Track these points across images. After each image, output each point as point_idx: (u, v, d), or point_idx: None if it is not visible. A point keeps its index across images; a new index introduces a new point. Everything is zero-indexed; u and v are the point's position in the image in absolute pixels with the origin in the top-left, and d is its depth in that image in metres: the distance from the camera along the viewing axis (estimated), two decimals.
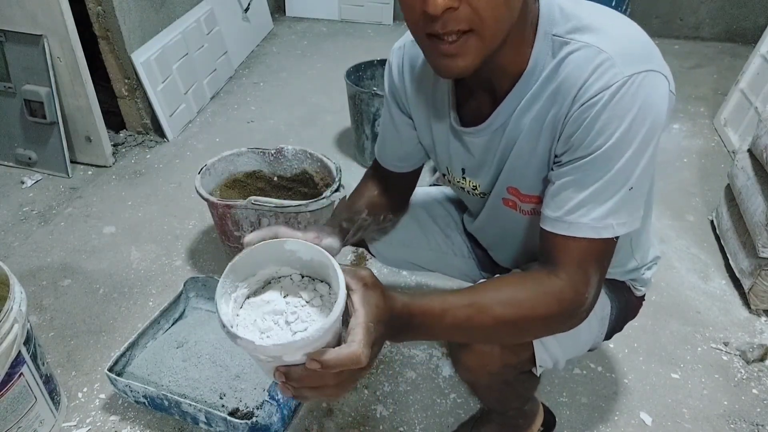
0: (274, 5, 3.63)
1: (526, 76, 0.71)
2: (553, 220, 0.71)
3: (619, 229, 0.69)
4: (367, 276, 0.60)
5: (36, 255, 1.71)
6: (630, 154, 0.65)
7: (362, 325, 0.56)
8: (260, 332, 0.62)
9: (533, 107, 0.72)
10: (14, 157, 2.09)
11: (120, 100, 2.25)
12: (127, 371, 1.25)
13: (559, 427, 1.24)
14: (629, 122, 0.64)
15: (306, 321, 0.62)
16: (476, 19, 0.60)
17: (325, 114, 2.53)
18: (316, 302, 0.64)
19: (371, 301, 0.59)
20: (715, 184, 2.04)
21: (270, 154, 1.67)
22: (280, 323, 0.63)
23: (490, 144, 0.80)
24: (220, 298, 0.62)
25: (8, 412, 1.04)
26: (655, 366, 1.39)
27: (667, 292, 1.61)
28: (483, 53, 0.64)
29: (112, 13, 2.00)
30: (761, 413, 1.28)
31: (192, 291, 1.46)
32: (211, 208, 1.52)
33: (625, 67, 0.63)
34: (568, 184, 0.69)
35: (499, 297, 0.69)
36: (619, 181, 0.67)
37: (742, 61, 2.39)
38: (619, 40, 0.66)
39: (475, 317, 0.67)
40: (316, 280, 0.67)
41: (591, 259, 0.70)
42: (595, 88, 0.64)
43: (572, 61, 0.67)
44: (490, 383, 0.94)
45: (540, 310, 0.69)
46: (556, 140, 0.71)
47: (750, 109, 2.16)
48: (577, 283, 0.69)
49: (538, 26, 0.69)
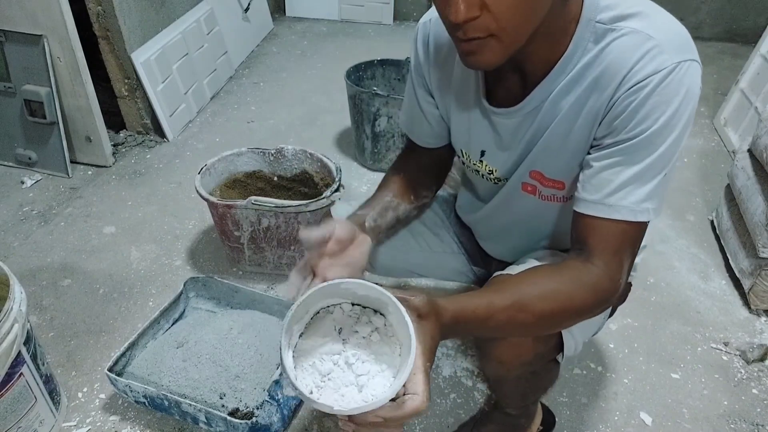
0: (274, 5, 3.63)
1: (564, 62, 0.71)
2: (592, 202, 0.71)
3: (654, 213, 0.71)
4: (420, 305, 0.62)
5: (36, 255, 1.71)
6: (672, 139, 0.67)
7: (421, 369, 0.58)
8: (320, 375, 0.62)
9: (572, 92, 0.73)
10: (14, 157, 2.09)
11: (120, 100, 2.25)
12: (127, 371, 1.24)
13: (559, 426, 1.24)
14: (675, 108, 0.65)
15: (367, 360, 0.62)
16: (496, 27, 0.61)
17: (325, 114, 2.53)
18: (375, 337, 0.63)
19: (427, 333, 0.61)
20: (715, 184, 2.04)
21: (270, 154, 1.67)
22: (340, 364, 0.62)
23: (520, 126, 0.80)
24: (285, 354, 0.61)
25: (8, 412, 1.04)
26: (655, 366, 1.39)
27: (667, 292, 1.61)
28: (505, 53, 0.65)
29: (112, 13, 2.00)
30: (761, 413, 1.28)
31: (192, 291, 1.46)
32: (211, 208, 1.52)
33: (674, 55, 0.65)
34: (610, 165, 0.70)
35: (538, 292, 0.70)
36: (659, 165, 0.68)
37: (742, 61, 2.39)
38: (664, 28, 0.67)
39: (517, 316, 0.69)
40: (368, 308, 0.65)
41: (626, 244, 0.71)
42: (645, 72, 0.65)
43: (618, 47, 0.68)
44: (519, 375, 0.94)
45: (577, 302, 0.70)
46: (597, 124, 0.72)
47: (750, 109, 2.16)
48: (612, 270, 0.71)
49: (582, 13, 0.69)
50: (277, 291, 1.59)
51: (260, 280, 1.63)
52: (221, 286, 1.44)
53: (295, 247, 1.56)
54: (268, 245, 1.55)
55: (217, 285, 1.45)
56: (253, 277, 1.64)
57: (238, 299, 1.44)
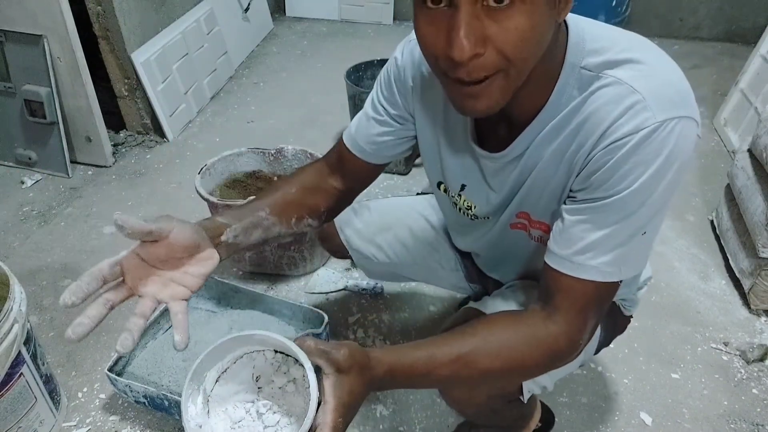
0: (274, 5, 3.63)
1: (549, 108, 0.68)
2: (560, 257, 0.68)
3: (627, 273, 0.67)
4: (341, 359, 0.59)
5: (36, 255, 1.71)
6: (650, 201, 0.63)
7: (329, 425, 0.56)
8: (231, 422, 0.62)
9: (555, 139, 0.69)
10: (14, 157, 2.09)
11: (120, 100, 2.25)
12: (127, 371, 1.24)
13: (559, 426, 1.24)
14: (655, 169, 0.61)
15: (278, 411, 0.62)
16: (503, 63, 0.56)
17: (325, 114, 2.53)
18: (290, 387, 0.64)
19: (344, 388, 0.58)
20: (715, 184, 2.04)
21: (270, 154, 1.67)
22: (251, 412, 0.63)
23: (504, 170, 0.77)
24: (186, 401, 0.60)
25: (8, 412, 1.04)
26: (655, 366, 1.39)
27: (667, 292, 1.61)
28: (509, 93, 0.61)
29: (112, 13, 2.00)
30: (761, 413, 1.28)
31: None
32: (211, 208, 1.52)
33: (659, 112, 0.60)
34: (581, 222, 0.66)
35: (488, 348, 0.67)
36: (634, 227, 0.64)
37: (741, 61, 2.39)
38: (654, 80, 0.61)
39: (461, 371, 0.66)
40: (290, 357, 0.64)
41: (592, 304, 0.68)
42: (624, 130, 0.61)
43: (601, 97, 0.63)
44: (477, 411, 0.93)
45: (529, 361, 0.67)
46: (574, 175, 0.68)
47: (750, 109, 2.16)
48: (573, 330, 0.68)
49: (566, 57, 0.65)
50: (277, 291, 1.59)
51: (260, 280, 1.63)
52: (221, 286, 1.44)
53: (295, 247, 1.56)
54: (268, 245, 1.54)
55: (217, 285, 1.45)
56: (253, 277, 1.64)
57: (238, 299, 1.44)
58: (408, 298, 1.58)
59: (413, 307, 1.55)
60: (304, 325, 1.37)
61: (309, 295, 1.58)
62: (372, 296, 1.58)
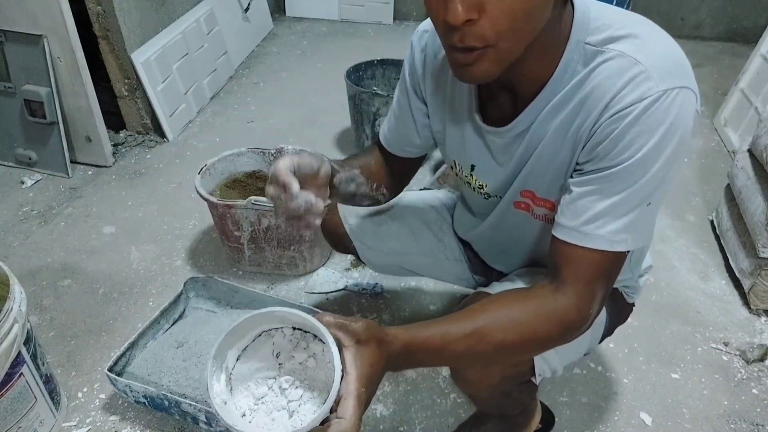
0: (274, 5, 3.63)
1: (553, 83, 0.70)
2: (568, 228, 0.69)
3: (634, 243, 0.68)
4: (360, 331, 0.60)
5: (36, 255, 1.71)
6: (655, 170, 0.64)
7: (353, 394, 0.57)
8: (255, 398, 0.62)
9: (559, 114, 0.71)
10: (14, 157, 2.09)
11: (120, 100, 2.25)
12: (127, 371, 1.24)
13: (559, 426, 1.24)
14: (659, 138, 0.63)
15: (301, 386, 0.63)
16: (494, 34, 0.59)
17: (325, 114, 2.53)
18: (310, 363, 0.64)
19: (365, 359, 0.59)
20: (715, 184, 2.04)
21: (270, 154, 1.67)
22: (274, 388, 0.63)
23: (510, 146, 0.79)
24: (210, 379, 0.61)
25: (8, 412, 1.04)
26: (655, 366, 1.39)
27: (667, 292, 1.61)
28: (501, 65, 0.63)
29: (112, 13, 2.00)
30: (761, 413, 1.28)
31: (192, 291, 1.46)
32: (211, 208, 1.52)
33: (661, 82, 0.62)
34: (589, 193, 0.68)
35: (500, 321, 0.68)
36: (640, 196, 0.66)
37: (742, 60, 2.39)
38: (654, 53, 0.64)
39: (476, 346, 0.67)
40: (308, 333, 0.65)
41: (600, 274, 0.69)
42: (628, 100, 0.63)
43: (605, 70, 0.65)
44: (490, 395, 0.93)
45: (542, 333, 0.68)
46: (580, 148, 0.70)
47: (750, 109, 2.16)
48: (582, 301, 0.69)
49: (571, 33, 0.67)
50: (277, 291, 1.59)
51: (260, 280, 1.63)
52: (221, 286, 1.44)
53: (295, 247, 1.56)
54: (268, 245, 1.55)
55: (217, 285, 1.45)
56: (253, 277, 1.64)
57: (238, 299, 1.44)
58: (408, 298, 1.58)
59: (413, 306, 1.55)
60: None
61: (309, 295, 1.58)
62: (372, 296, 1.58)
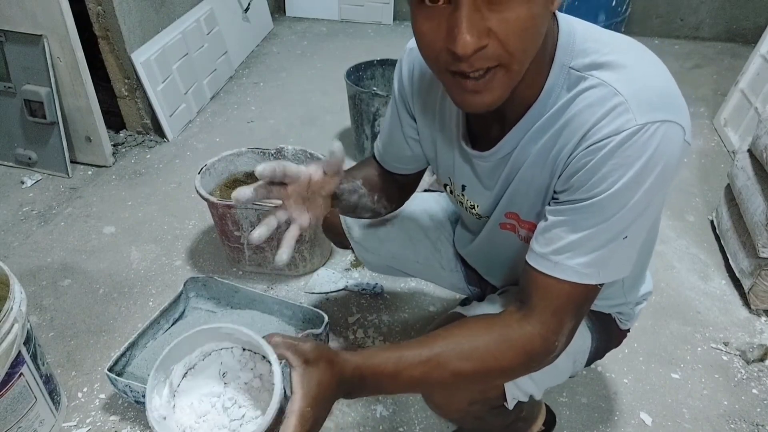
0: (274, 5, 3.63)
1: (538, 106, 0.68)
2: (539, 255, 0.68)
3: (605, 277, 0.67)
4: (308, 351, 0.60)
5: (36, 255, 1.71)
6: (631, 204, 0.62)
7: (296, 413, 0.56)
8: (196, 416, 0.63)
9: (541, 138, 0.69)
10: (14, 157, 2.09)
11: (120, 100, 2.25)
12: (127, 371, 1.24)
13: (559, 427, 1.24)
14: (635, 172, 0.60)
15: (244, 406, 0.63)
16: (505, 54, 0.57)
17: (325, 114, 2.53)
18: (256, 383, 0.64)
19: (312, 379, 0.59)
20: (715, 184, 2.04)
21: (270, 154, 1.68)
22: (217, 407, 0.64)
23: (495, 170, 0.78)
24: (151, 392, 0.61)
25: (8, 412, 1.04)
26: (655, 366, 1.39)
27: (667, 292, 1.61)
28: (509, 87, 0.61)
29: (112, 13, 2.00)
30: (761, 413, 1.28)
31: (192, 291, 1.46)
32: (211, 208, 1.52)
33: (640, 115, 0.59)
34: (561, 223, 0.66)
35: (459, 349, 0.66)
36: (613, 230, 0.64)
37: (742, 61, 2.39)
38: (637, 83, 0.61)
39: (432, 372, 0.66)
40: (257, 354, 0.65)
41: (569, 306, 0.68)
42: (605, 132, 0.61)
43: (586, 98, 0.63)
44: (462, 418, 0.92)
45: (503, 361, 0.67)
46: (557, 176, 0.68)
47: (750, 110, 2.16)
48: (548, 332, 0.67)
49: (555, 56, 0.65)
50: (277, 291, 1.59)
51: (260, 280, 1.63)
52: (221, 286, 1.44)
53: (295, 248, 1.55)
54: (268, 245, 1.55)
55: (217, 285, 1.45)
56: (253, 277, 1.64)
57: (238, 299, 1.44)
58: (408, 298, 1.58)
59: (413, 307, 1.55)
60: (304, 325, 1.37)
61: (309, 295, 1.58)
62: (372, 296, 1.58)
